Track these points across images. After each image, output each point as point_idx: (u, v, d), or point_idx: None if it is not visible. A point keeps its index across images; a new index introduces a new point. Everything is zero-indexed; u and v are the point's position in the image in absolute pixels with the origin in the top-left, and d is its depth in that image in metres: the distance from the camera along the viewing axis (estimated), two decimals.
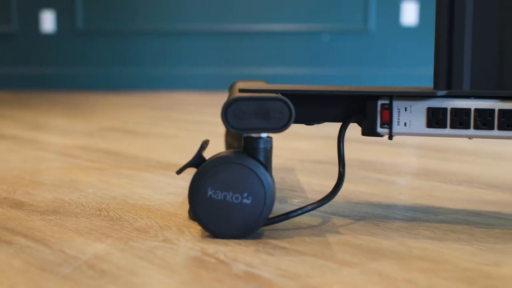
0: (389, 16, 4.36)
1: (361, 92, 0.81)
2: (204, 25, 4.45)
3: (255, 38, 4.41)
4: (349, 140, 1.71)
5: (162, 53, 4.52)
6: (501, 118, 0.79)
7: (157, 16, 4.51)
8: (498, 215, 0.91)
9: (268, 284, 0.62)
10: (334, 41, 4.39)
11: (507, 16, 0.81)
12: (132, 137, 1.81)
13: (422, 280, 0.64)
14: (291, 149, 1.59)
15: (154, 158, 1.41)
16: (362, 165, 1.33)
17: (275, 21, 4.41)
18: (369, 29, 4.36)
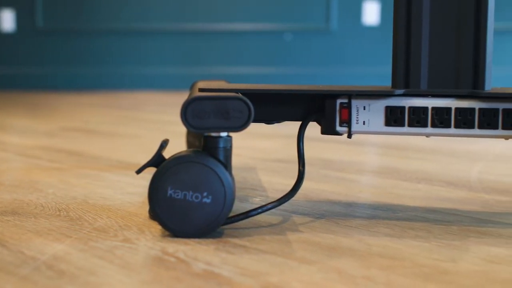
0: (351, 15, 4.38)
1: (320, 91, 0.82)
2: (167, 24, 4.43)
3: (218, 38, 4.40)
4: (310, 139, 1.71)
5: (124, 53, 4.49)
6: (457, 116, 0.80)
7: (119, 15, 4.49)
8: (455, 212, 0.92)
9: (227, 282, 0.62)
10: (296, 41, 4.40)
11: (463, 15, 0.82)
12: (94, 137, 1.80)
13: (381, 277, 0.64)
14: (253, 148, 1.60)
15: (115, 158, 1.41)
16: (323, 164, 1.34)
17: (238, 20, 4.41)
18: (331, 28, 4.39)
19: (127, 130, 2.00)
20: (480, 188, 1.10)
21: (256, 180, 1.15)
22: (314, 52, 4.40)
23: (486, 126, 0.80)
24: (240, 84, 0.95)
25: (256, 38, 4.41)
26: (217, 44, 4.40)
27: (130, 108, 2.95)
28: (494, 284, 0.63)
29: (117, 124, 2.19)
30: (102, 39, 4.51)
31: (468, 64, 0.83)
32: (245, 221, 0.84)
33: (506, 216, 0.90)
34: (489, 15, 0.82)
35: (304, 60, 4.40)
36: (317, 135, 1.81)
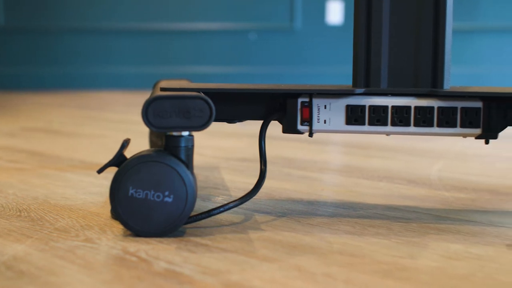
0: (315, 15, 4.40)
1: (282, 90, 0.82)
2: (131, 23, 4.41)
3: (182, 37, 4.40)
4: (274, 138, 1.72)
5: (88, 52, 4.46)
6: (417, 115, 0.81)
7: (83, 14, 4.46)
8: (415, 210, 0.93)
9: (188, 281, 0.62)
10: (260, 40, 4.41)
11: (422, 15, 0.83)
12: (56, 137, 1.79)
13: (340, 274, 0.65)
14: (216, 147, 1.60)
15: (78, 158, 1.40)
16: (286, 163, 1.34)
17: (202, 19, 4.41)
18: (295, 28, 4.40)
19: (91, 130, 1.99)
20: (440, 186, 1.11)
21: (219, 179, 1.16)
22: (279, 52, 4.41)
23: (445, 125, 0.81)
24: (202, 83, 0.95)
25: (221, 37, 4.41)
26: (181, 43, 4.40)
27: (94, 108, 2.93)
28: (452, 280, 0.64)
29: (81, 124, 2.18)
30: (66, 38, 4.48)
31: (427, 63, 0.84)
32: (207, 220, 0.85)
33: (465, 213, 0.91)
34: (448, 15, 0.83)
35: (268, 59, 4.41)
36: (281, 134, 1.81)
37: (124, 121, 2.31)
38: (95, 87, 4.43)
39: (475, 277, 0.65)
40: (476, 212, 0.93)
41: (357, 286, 0.62)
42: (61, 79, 4.48)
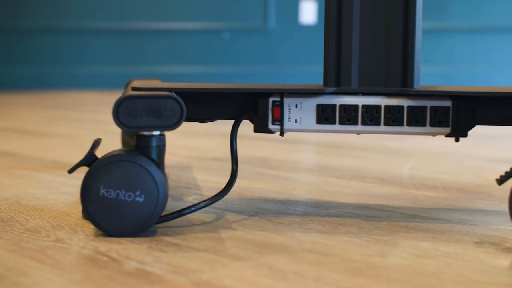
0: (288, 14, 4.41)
1: (253, 89, 0.83)
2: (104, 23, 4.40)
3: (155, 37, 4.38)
4: (246, 137, 1.72)
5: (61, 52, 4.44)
6: (387, 114, 0.82)
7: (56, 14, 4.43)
8: (386, 208, 0.94)
9: (159, 281, 0.62)
10: (234, 40, 4.41)
11: (392, 15, 0.84)
12: (28, 137, 1.78)
13: (311, 272, 0.65)
14: (189, 147, 1.60)
15: (49, 158, 1.39)
16: (258, 162, 1.35)
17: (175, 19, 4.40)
18: (269, 27, 4.41)
19: (63, 130, 1.98)
20: (410, 185, 1.12)
21: (191, 179, 1.16)
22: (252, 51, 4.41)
23: (415, 124, 0.82)
24: (174, 83, 0.95)
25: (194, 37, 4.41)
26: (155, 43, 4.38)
27: (66, 108, 2.91)
28: (421, 277, 0.65)
29: (53, 124, 2.17)
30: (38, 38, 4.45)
31: (397, 63, 0.84)
32: (178, 219, 0.85)
33: (435, 212, 0.92)
34: (417, 15, 0.83)
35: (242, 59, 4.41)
36: (254, 134, 1.82)
37: (97, 120, 2.30)
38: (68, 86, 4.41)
39: (443, 274, 0.66)
40: (446, 210, 0.94)
41: (328, 284, 0.62)
42: (33, 78, 4.45)
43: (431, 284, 0.63)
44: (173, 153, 1.47)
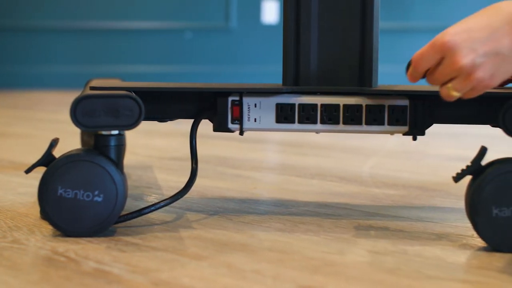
0: (250, 14, 4.41)
1: (212, 89, 0.83)
2: (63, 22, 4.36)
3: (116, 36, 4.36)
4: (209, 136, 1.72)
5: (19, 51, 4.39)
6: (345, 113, 0.82)
7: (13, 12, 4.38)
8: (346, 206, 0.94)
9: (117, 280, 0.62)
10: (196, 39, 4.40)
11: (350, 15, 0.84)
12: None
13: (269, 270, 0.66)
14: (151, 146, 1.60)
15: (7, 158, 1.38)
16: (219, 161, 1.35)
17: (136, 18, 4.38)
18: (231, 27, 4.40)
19: (21, 130, 1.96)
20: (371, 183, 1.13)
21: (152, 178, 1.15)
22: (214, 51, 4.41)
23: (373, 122, 0.82)
24: (133, 82, 0.94)
25: (156, 36, 4.39)
26: (116, 42, 4.36)
27: (24, 108, 2.88)
28: (379, 274, 0.65)
29: (10, 124, 2.14)
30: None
31: (355, 62, 0.85)
32: (138, 219, 0.84)
33: (394, 209, 0.93)
34: (375, 15, 0.84)
35: (204, 58, 4.41)
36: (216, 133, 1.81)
37: (56, 120, 2.28)
38: (28, 86, 4.36)
39: (401, 271, 0.66)
40: (405, 208, 0.95)
41: (286, 282, 0.62)
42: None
43: (388, 281, 0.63)
44: (134, 153, 1.46)
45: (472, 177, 0.74)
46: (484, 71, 0.69)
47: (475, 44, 0.69)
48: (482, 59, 0.69)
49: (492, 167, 0.72)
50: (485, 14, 0.70)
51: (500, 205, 0.71)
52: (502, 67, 0.69)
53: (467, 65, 0.69)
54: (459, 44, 0.69)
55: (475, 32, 0.69)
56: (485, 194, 0.71)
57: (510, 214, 0.71)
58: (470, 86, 0.70)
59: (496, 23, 0.69)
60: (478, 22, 0.70)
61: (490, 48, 0.69)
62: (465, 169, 0.74)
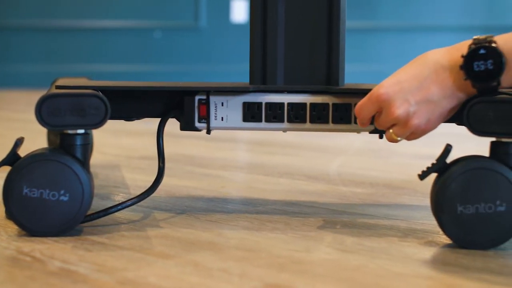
0: (219, 13, 4.41)
1: (178, 87, 0.82)
2: (31, 20, 4.32)
3: (85, 35, 4.33)
4: (177, 135, 1.72)
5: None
6: (312, 111, 0.83)
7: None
8: (313, 205, 0.95)
9: (83, 280, 0.62)
10: (165, 38, 4.39)
11: (317, 14, 0.85)
12: None
13: (236, 268, 0.66)
14: (118, 145, 1.59)
15: None
16: (188, 160, 1.34)
17: (105, 17, 4.35)
18: (200, 26, 4.40)
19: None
20: (338, 181, 1.13)
21: (120, 178, 1.15)
22: (184, 50, 4.40)
23: (339, 121, 0.83)
24: (100, 81, 0.94)
25: (125, 35, 4.37)
26: (84, 41, 4.33)
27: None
28: (345, 272, 0.66)
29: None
30: None
31: (322, 61, 0.85)
32: (105, 218, 0.84)
33: (361, 207, 0.94)
34: (341, 14, 0.85)
35: (174, 57, 4.40)
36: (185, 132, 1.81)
37: (22, 119, 2.26)
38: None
39: (367, 268, 0.67)
40: (372, 206, 0.95)
41: (252, 280, 0.62)
42: None
43: (354, 278, 0.64)
44: (103, 152, 1.45)
45: (437, 175, 0.75)
46: (419, 119, 0.74)
47: (406, 95, 0.74)
48: (415, 107, 0.74)
49: (457, 165, 0.73)
50: (413, 65, 0.75)
51: (465, 202, 0.72)
52: (435, 112, 0.74)
53: (402, 115, 0.74)
54: (392, 96, 0.74)
55: (406, 83, 0.74)
56: (450, 191, 0.72)
57: (474, 211, 0.72)
58: (408, 132, 0.76)
59: (424, 73, 0.74)
60: (408, 73, 0.75)
61: (421, 97, 0.74)
62: (430, 167, 0.74)
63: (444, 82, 0.73)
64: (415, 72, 0.74)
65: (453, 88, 0.73)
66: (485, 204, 0.72)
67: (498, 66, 0.71)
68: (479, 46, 0.71)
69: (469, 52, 0.71)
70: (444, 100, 0.74)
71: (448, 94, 0.73)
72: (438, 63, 0.73)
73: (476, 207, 0.72)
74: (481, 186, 0.72)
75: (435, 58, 0.74)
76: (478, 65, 0.71)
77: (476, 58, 0.71)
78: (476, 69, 0.71)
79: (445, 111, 0.74)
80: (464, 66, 0.72)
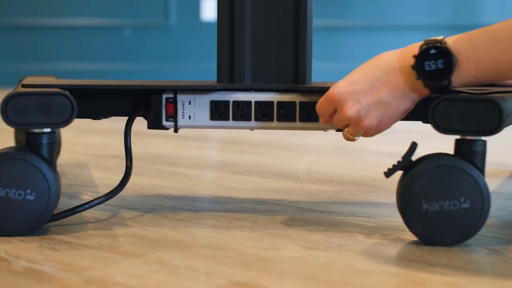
0: (189, 11, 4.40)
1: (146, 86, 0.82)
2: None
3: (53, 33, 4.30)
4: (146, 134, 1.71)
5: None
6: (279, 110, 0.83)
7: None
8: (281, 203, 0.95)
9: (49, 279, 0.62)
10: (135, 36, 4.37)
11: (284, 13, 0.85)
12: None
13: (203, 266, 0.66)
14: (87, 144, 1.58)
15: None
16: (157, 159, 1.34)
17: (75, 15, 4.33)
18: (170, 24, 4.39)
19: None
20: (306, 179, 1.14)
21: (88, 177, 1.14)
22: (154, 48, 4.38)
23: (306, 119, 0.83)
24: (67, 80, 0.94)
25: (94, 33, 4.34)
26: (54, 39, 4.30)
27: None
28: (311, 269, 0.66)
29: None
30: None
31: (289, 59, 0.86)
32: (72, 217, 0.83)
33: (328, 205, 0.94)
34: (308, 13, 0.85)
35: (144, 56, 4.38)
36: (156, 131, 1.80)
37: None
38: None
39: (333, 265, 0.67)
40: (339, 203, 0.96)
41: (219, 278, 0.63)
42: None
43: (320, 275, 0.64)
44: (71, 151, 1.45)
45: (403, 172, 0.76)
46: (370, 119, 0.76)
47: (358, 96, 0.75)
48: (367, 109, 0.75)
49: (422, 162, 0.74)
50: (367, 67, 0.77)
51: (430, 199, 0.73)
52: (387, 113, 0.76)
53: (353, 115, 0.76)
54: (345, 97, 0.76)
55: (358, 84, 0.76)
56: (415, 189, 0.73)
57: (439, 209, 0.73)
58: (361, 132, 0.77)
59: (376, 75, 0.75)
60: (360, 75, 0.76)
61: (371, 98, 0.75)
62: (396, 164, 0.75)
63: (396, 83, 0.74)
64: (368, 74, 0.75)
65: (405, 88, 0.74)
66: (450, 201, 0.73)
67: (449, 65, 0.72)
68: (430, 46, 0.73)
69: (420, 52, 0.73)
70: (395, 101, 0.75)
71: (399, 95, 0.75)
72: (390, 65, 0.75)
73: (441, 204, 0.73)
74: (445, 183, 0.72)
75: (387, 60, 0.75)
76: (429, 64, 0.72)
77: (427, 57, 0.72)
78: (427, 69, 0.72)
79: (397, 112, 0.76)
80: (415, 66, 0.73)
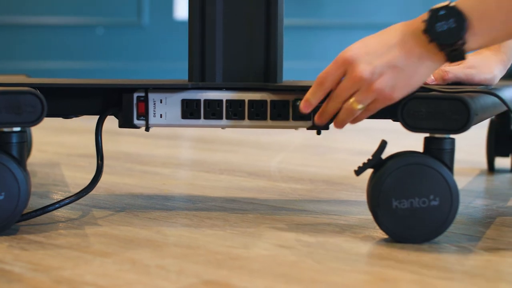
0: (162, 10, 4.39)
1: (117, 85, 0.82)
2: None
3: (24, 31, 4.27)
4: (117, 133, 1.71)
5: None
6: (251, 108, 0.83)
7: None
8: (253, 201, 0.95)
9: (18, 279, 0.61)
10: (108, 35, 4.35)
11: (254, 11, 0.85)
12: None
13: (174, 265, 0.66)
14: (58, 143, 1.57)
15: None
16: (128, 158, 1.34)
17: (46, 13, 4.30)
18: (143, 23, 4.37)
19: None
20: (278, 178, 1.14)
21: (59, 176, 1.14)
22: (127, 47, 4.37)
23: (277, 118, 0.83)
24: (38, 78, 0.93)
25: (66, 32, 4.32)
26: (25, 38, 4.27)
27: None
28: (282, 267, 0.66)
29: None
30: None
31: (260, 58, 0.86)
32: (42, 217, 0.83)
33: (300, 203, 0.95)
34: (279, 12, 0.85)
35: (116, 55, 4.36)
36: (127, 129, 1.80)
37: None
38: None
39: (304, 263, 0.68)
40: (311, 202, 0.96)
41: (190, 277, 0.63)
42: None
43: (291, 273, 0.65)
44: (42, 150, 1.44)
45: (373, 170, 0.76)
46: (383, 82, 0.73)
47: (372, 58, 0.74)
48: (380, 70, 0.73)
49: (392, 160, 0.74)
50: (382, 33, 0.76)
51: (400, 197, 0.73)
52: (400, 79, 0.74)
53: (367, 76, 0.73)
54: (358, 58, 0.74)
55: (372, 47, 0.74)
56: (385, 186, 0.73)
57: (409, 206, 0.73)
58: (372, 97, 0.74)
59: (392, 40, 0.74)
60: (376, 40, 0.75)
61: (386, 61, 0.73)
62: (366, 162, 0.76)
63: (411, 48, 0.73)
64: (383, 39, 0.75)
65: (420, 54, 0.73)
66: (419, 198, 0.73)
67: (460, 23, 0.71)
68: (438, 8, 0.72)
69: (430, 16, 0.72)
70: (410, 67, 0.73)
71: (414, 60, 0.73)
72: (404, 31, 0.74)
73: (410, 201, 0.73)
74: (415, 181, 0.73)
75: (401, 27, 0.75)
76: (440, 25, 0.71)
77: (438, 19, 0.71)
78: (439, 30, 0.71)
79: (411, 80, 0.74)
80: (427, 29, 0.72)
